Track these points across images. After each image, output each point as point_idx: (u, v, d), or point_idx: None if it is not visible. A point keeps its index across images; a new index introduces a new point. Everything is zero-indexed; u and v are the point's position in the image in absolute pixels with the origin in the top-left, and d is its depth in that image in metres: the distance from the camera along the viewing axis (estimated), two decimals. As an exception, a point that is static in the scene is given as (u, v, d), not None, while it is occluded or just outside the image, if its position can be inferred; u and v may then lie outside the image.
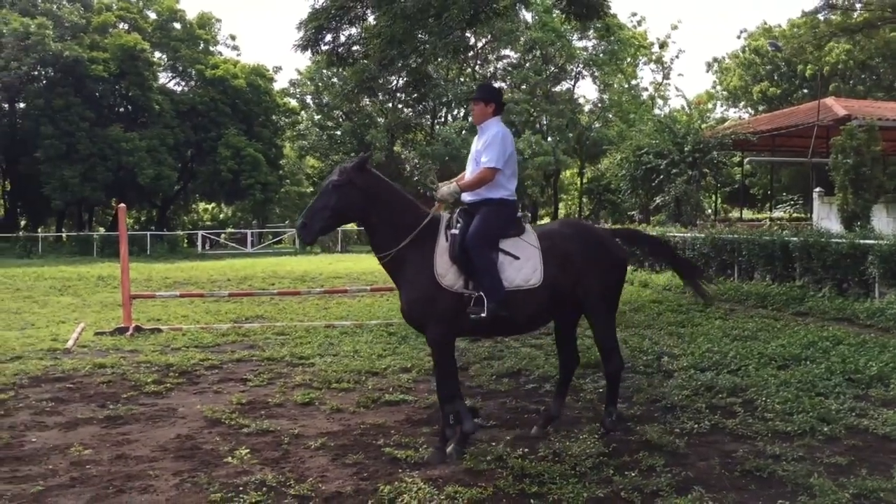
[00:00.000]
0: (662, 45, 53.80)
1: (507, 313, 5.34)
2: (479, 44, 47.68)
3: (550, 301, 5.58)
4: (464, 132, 46.80)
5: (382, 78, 15.58)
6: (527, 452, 5.36)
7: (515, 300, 5.40)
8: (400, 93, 46.04)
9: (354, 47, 14.56)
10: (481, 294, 5.30)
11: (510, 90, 51.20)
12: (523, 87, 49.47)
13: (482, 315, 5.28)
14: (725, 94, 58.44)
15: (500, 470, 5.05)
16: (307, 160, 54.72)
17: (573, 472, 4.95)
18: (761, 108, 50.28)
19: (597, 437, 5.67)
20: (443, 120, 52.60)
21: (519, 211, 5.97)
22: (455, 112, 53.73)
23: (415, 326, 5.72)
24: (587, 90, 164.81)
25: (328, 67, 35.85)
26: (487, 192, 5.64)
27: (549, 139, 47.67)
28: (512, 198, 5.74)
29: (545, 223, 6.50)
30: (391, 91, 44.84)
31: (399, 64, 13.99)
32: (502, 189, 5.67)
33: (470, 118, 50.84)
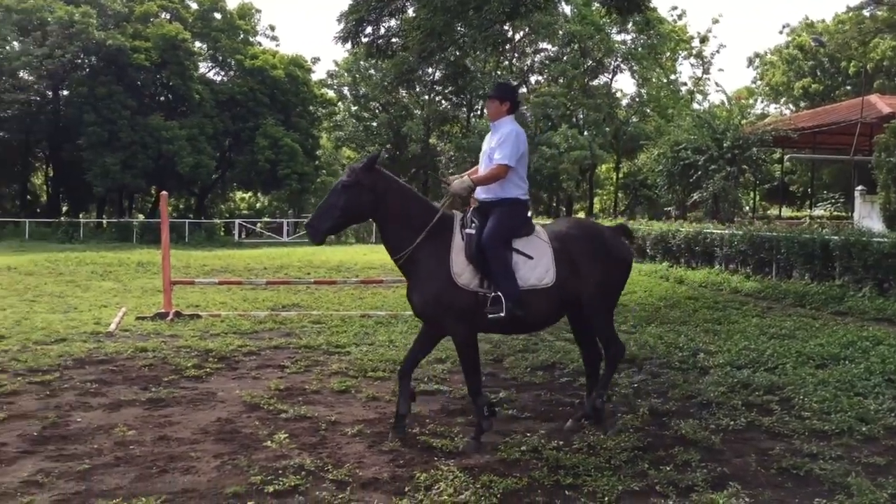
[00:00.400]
0: (703, 40, 53.19)
1: (523, 313, 5.40)
2: (517, 36, 47.57)
3: (562, 300, 5.65)
4: (500, 125, 46.67)
5: (421, 70, 15.62)
6: (561, 445, 5.39)
7: (529, 299, 5.46)
8: (438, 85, 46.15)
9: (393, 39, 14.65)
10: (498, 294, 5.35)
11: (547, 83, 51.05)
12: (560, 81, 49.24)
13: (501, 315, 5.33)
14: (766, 90, 57.65)
15: (535, 461, 5.09)
16: (343, 151, 55.04)
17: (608, 465, 4.98)
18: (803, 105, 49.56)
19: (632, 432, 5.68)
20: (479, 113, 52.49)
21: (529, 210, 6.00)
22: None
23: (428, 321, 5.77)
24: (625, 84, 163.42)
25: (367, 59, 36.02)
26: (501, 192, 5.67)
27: (586, 133, 47.42)
28: (525, 197, 5.78)
29: (552, 222, 6.47)
30: (429, 83, 44.97)
31: (438, 56, 14.04)
32: (516, 188, 5.70)
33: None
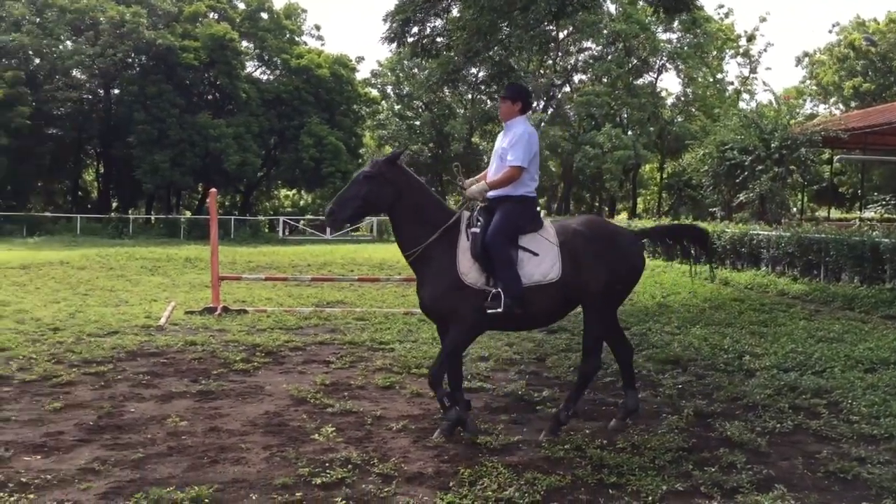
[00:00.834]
0: (750, 38, 52.46)
1: (523, 309, 5.42)
2: (561, 35, 47.35)
3: (566, 297, 5.65)
4: (543, 124, 46.59)
5: (466, 70, 15.68)
6: (605, 444, 5.40)
7: (534, 296, 5.48)
8: (482, 84, 46.09)
9: (438, 39, 14.71)
10: (498, 290, 5.40)
11: (591, 82, 50.73)
12: (604, 80, 48.93)
13: (499, 310, 5.37)
14: (815, 90, 56.61)
15: (579, 459, 5.11)
16: (386, 149, 55.29)
17: (652, 465, 4.98)
18: (854, 105, 48.56)
19: (676, 432, 5.67)
20: (522, 112, 52.36)
21: (538, 206, 5.99)
22: (534, 104, 53.51)
23: (436, 319, 5.86)
24: (670, 83, 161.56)
25: (411, 59, 36.19)
26: (511, 189, 5.72)
27: (630, 133, 47.06)
28: (532, 195, 5.81)
29: (564, 218, 6.42)
30: (473, 82, 44.99)
31: (483, 56, 14.08)
32: (523, 187, 5.74)
33: (550, 109, 50.71)
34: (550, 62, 48.77)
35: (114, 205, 48.93)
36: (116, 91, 44.30)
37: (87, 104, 44.54)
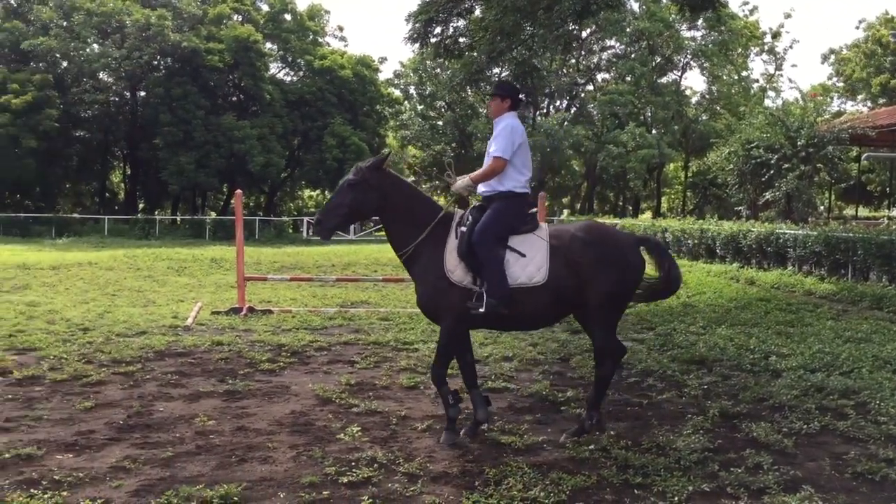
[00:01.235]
0: (775, 35, 52.04)
1: (507, 310, 5.38)
2: (584, 34, 47.19)
3: (555, 300, 5.54)
4: (566, 123, 46.47)
5: (489, 70, 15.68)
6: (630, 444, 5.40)
7: (520, 297, 5.43)
8: (505, 84, 45.91)
9: (461, 39, 14.73)
10: (482, 290, 5.38)
11: (614, 81, 50.51)
12: (628, 79, 48.69)
13: (480, 310, 5.35)
14: (842, 87, 55.96)
15: (604, 459, 5.12)
16: (409, 149, 55.45)
17: (677, 466, 4.98)
18: (881, 102, 47.93)
19: (701, 433, 5.65)
20: (545, 111, 52.32)
21: (533, 207, 5.93)
22: (557, 103, 53.40)
23: (430, 318, 5.87)
24: (694, 81, 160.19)
25: (433, 59, 36.21)
26: (498, 185, 5.69)
27: (654, 131, 46.85)
28: (521, 190, 5.72)
29: (561, 222, 6.27)
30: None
31: (506, 56, 14.08)
32: (510, 180, 5.68)
33: (573, 108, 50.57)
34: (573, 61, 48.62)
35: (140, 206, 49.50)
36: (142, 93, 44.80)
37: (114, 106, 45.10)
